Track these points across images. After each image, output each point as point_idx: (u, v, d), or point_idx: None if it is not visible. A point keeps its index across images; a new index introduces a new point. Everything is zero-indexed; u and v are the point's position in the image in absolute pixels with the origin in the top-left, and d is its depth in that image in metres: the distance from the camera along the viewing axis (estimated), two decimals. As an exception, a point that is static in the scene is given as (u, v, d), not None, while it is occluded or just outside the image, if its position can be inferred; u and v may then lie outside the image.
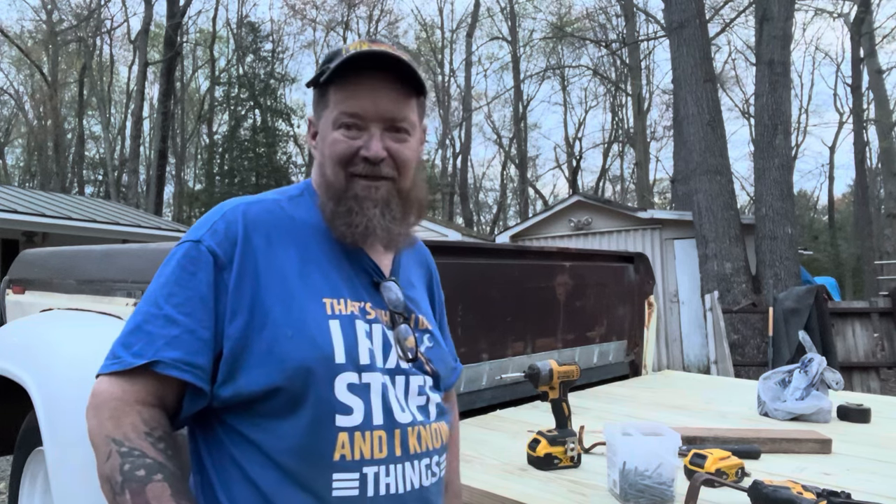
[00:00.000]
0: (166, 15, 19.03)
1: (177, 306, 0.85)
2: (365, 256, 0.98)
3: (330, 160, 0.95)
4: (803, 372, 2.10)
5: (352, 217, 0.93)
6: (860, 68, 18.98)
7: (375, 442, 0.87)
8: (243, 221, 0.91)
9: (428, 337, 1.02)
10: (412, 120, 0.97)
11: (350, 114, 0.93)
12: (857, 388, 6.02)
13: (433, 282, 1.17)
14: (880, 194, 21.30)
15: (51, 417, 1.81)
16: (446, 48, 29.02)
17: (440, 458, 0.97)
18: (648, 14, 20.87)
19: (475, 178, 32.11)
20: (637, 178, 23.35)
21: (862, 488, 1.39)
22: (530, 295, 2.54)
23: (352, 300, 0.93)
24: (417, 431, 0.92)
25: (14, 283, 2.85)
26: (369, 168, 0.93)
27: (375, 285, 0.98)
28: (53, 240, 10.14)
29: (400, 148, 0.95)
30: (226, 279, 0.87)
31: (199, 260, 0.88)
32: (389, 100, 0.94)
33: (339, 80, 0.94)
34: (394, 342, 0.95)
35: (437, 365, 1.01)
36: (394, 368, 0.93)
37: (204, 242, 0.89)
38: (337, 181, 0.94)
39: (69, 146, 26.98)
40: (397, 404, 0.91)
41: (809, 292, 5.73)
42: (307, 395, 0.84)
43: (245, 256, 0.89)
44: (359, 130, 0.94)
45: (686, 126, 8.45)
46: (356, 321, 0.91)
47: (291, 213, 0.97)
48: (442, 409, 1.01)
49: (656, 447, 1.35)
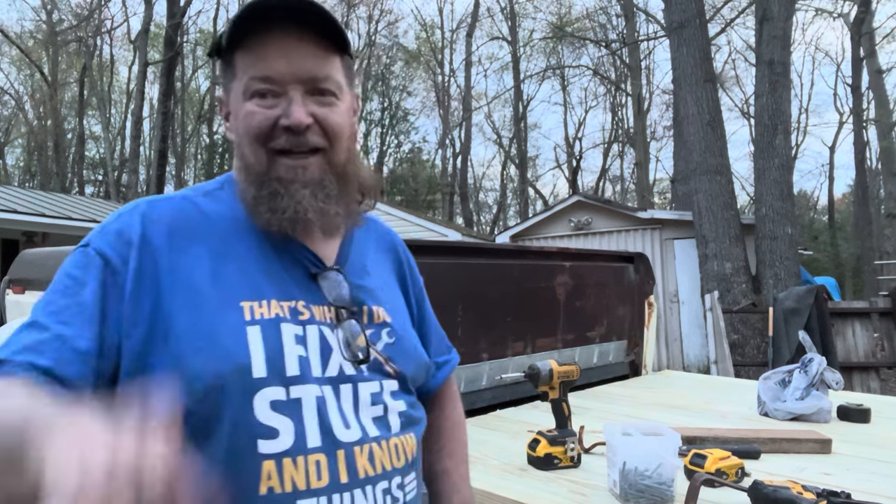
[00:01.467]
0: (166, 15, 19.01)
1: (52, 314, 0.71)
2: (299, 246, 0.83)
3: (246, 137, 0.80)
4: (803, 372, 2.10)
5: (276, 201, 0.79)
6: (860, 68, 18.98)
7: (312, 468, 0.72)
8: (141, 220, 0.78)
9: (387, 332, 0.86)
10: (337, 80, 0.82)
11: (261, 77, 0.78)
12: (857, 388, 6.02)
13: (404, 266, 1.01)
14: (880, 194, 21.29)
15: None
16: (446, 48, 29.02)
17: (404, 479, 0.81)
18: (648, 14, 20.86)
19: (475, 178, 32.11)
20: (637, 178, 23.34)
21: (862, 488, 1.39)
22: (530, 295, 2.54)
23: (279, 300, 0.78)
24: (369, 450, 0.77)
25: (14, 283, 2.85)
26: (293, 140, 0.78)
27: (314, 278, 0.83)
28: (53, 240, 10.14)
29: (327, 112, 0.80)
30: (120, 283, 0.73)
31: (87, 265, 0.74)
32: (306, 55, 0.79)
33: (244, 42, 0.79)
34: (336, 344, 0.80)
35: (402, 363, 0.86)
36: (336, 376, 0.78)
37: (92, 245, 0.76)
38: (257, 161, 0.80)
39: (69, 146, 26.98)
40: (340, 420, 0.76)
41: (809, 292, 5.73)
42: (221, 418, 0.70)
43: (143, 259, 0.75)
44: (275, 98, 0.78)
45: (686, 126, 8.45)
46: (282, 325, 0.76)
47: (205, 208, 0.82)
48: (411, 419, 0.86)
49: (656, 447, 1.35)
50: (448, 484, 0.98)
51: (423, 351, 0.94)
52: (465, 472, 1.02)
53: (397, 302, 0.94)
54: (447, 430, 1.03)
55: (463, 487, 0.99)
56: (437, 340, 1.05)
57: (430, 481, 0.99)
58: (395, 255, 1.01)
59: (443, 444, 1.01)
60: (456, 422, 1.06)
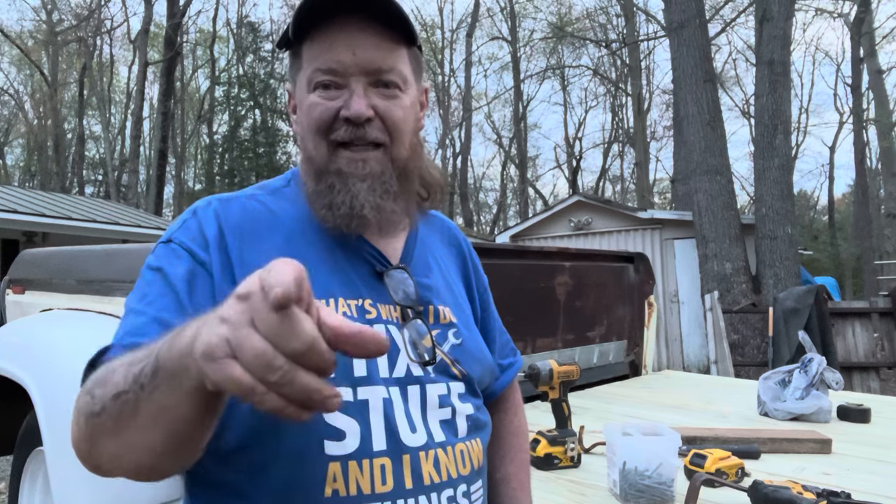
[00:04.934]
0: (166, 15, 19.01)
1: (147, 304, 0.71)
2: (364, 243, 0.82)
3: (308, 130, 0.79)
4: (803, 372, 2.10)
5: (333, 196, 0.77)
6: (860, 68, 18.98)
7: (377, 472, 0.71)
8: (216, 219, 0.77)
9: (454, 332, 0.84)
10: (402, 72, 0.80)
11: (325, 70, 0.76)
12: (857, 388, 6.02)
13: (468, 263, 0.99)
14: (880, 194, 21.28)
15: (50, 417, 1.81)
16: (446, 48, 29.01)
17: (470, 487, 0.78)
18: (648, 14, 20.87)
19: (475, 178, 32.13)
20: (637, 178, 23.35)
21: (862, 488, 1.39)
22: (530, 295, 2.54)
23: (346, 299, 0.77)
24: (434, 455, 0.75)
25: (14, 283, 2.85)
26: (353, 131, 0.77)
27: (379, 276, 0.81)
28: (53, 240, 10.14)
29: (389, 105, 0.78)
30: (205, 274, 0.73)
31: (173, 256, 0.74)
32: (371, 46, 0.76)
33: (310, 33, 0.77)
34: (403, 344, 0.78)
35: (469, 365, 0.84)
36: (404, 377, 0.76)
37: (175, 240, 0.76)
38: (318, 153, 0.78)
39: (69, 146, 26.96)
40: (406, 423, 0.74)
41: (809, 292, 5.73)
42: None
43: (220, 256, 0.75)
44: (338, 89, 0.77)
45: (686, 126, 8.45)
46: None
47: (272, 206, 0.82)
48: (477, 423, 0.83)
49: (656, 447, 1.35)
50: (507, 492, 0.95)
51: (488, 352, 0.91)
52: (524, 481, 0.98)
53: (461, 301, 0.91)
54: (507, 436, 1.00)
55: (522, 497, 0.96)
56: (501, 342, 1.02)
57: (489, 488, 0.95)
58: (460, 251, 0.99)
59: (504, 450, 0.99)
60: (518, 427, 1.02)
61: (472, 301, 0.96)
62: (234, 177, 25.52)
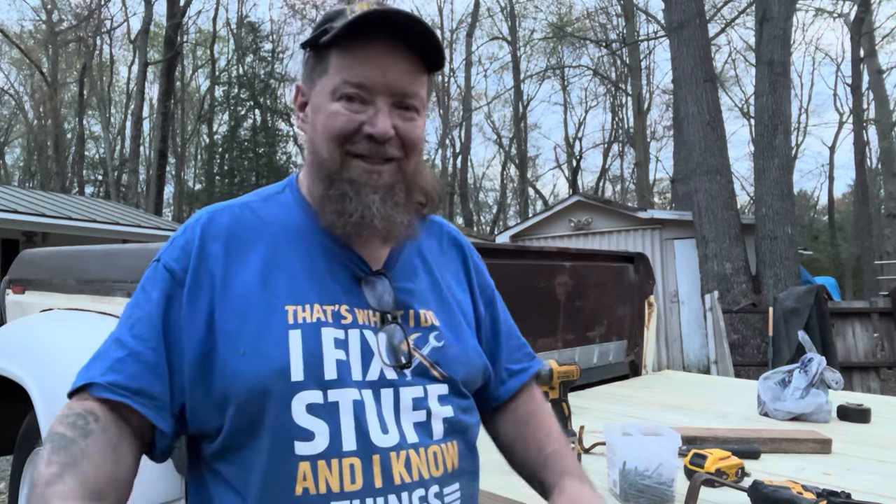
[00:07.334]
0: (166, 15, 19.00)
1: (128, 328, 0.77)
2: (347, 250, 0.85)
3: (324, 135, 0.81)
4: (803, 372, 2.10)
5: (345, 203, 0.80)
6: (860, 68, 18.97)
7: (346, 471, 0.73)
8: (201, 231, 0.82)
9: (435, 335, 0.85)
10: (422, 97, 0.84)
11: (355, 84, 0.79)
12: (857, 388, 6.02)
13: (470, 266, 1.00)
14: (880, 194, 21.28)
15: (51, 417, 1.81)
16: (446, 48, 28.91)
17: (443, 489, 0.80)
18: (648, 14, 20.88)
19: (475, 178, 32.12)
20: (637, 178, 23.33)
21: (862, 488, 1.39)
22: (530, 295, 2.54)
23: (322, 304, 0.80)
24: (406, 456, 0.77)
25: (14, 283, 2.85)
26: (373, 148, 0.80)
27: (359, 282, 0.84)
28: (53, 240, 10.13)
29: (409, 127, 0.82)
30: (180, 295, 0.78)
31: (155, 278, 0.80)
32: (402, 71, 0.80)
33: (345, 43, 0.80)
34: (377, 348, 0.80)
35: (451, 367, 0.85)
36: (377, 380, 0.79)
37: (162, 260, 0.82)
38: (331, 159, 0.81)
39: (69, 146, 26.96)
40: (378, 424, 0.77)
41: (809, 292, 5.73)
42: (264, 419, 0.74)
43: (200, 268, 0.79)
44: (363, 104, 0.80)
45: (686, 126, 8.45)
46: (323, 329, 0.78)
47: (262, 214, 0.86)
48: (457, 426, 0.84)
49: (656, 447, 1.35)
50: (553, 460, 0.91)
51: (478, 354, 0.92)
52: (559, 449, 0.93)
53: (452, 304, 0.92)
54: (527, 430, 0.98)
55: (566, 456, 0.92)
56: (509, 346, 1.01)
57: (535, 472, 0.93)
58: (461, 255, 1.01)
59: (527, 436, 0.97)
60: (547, 414, 1.00)
61: (474, 303, 0.98)
62: (234, 177, 25.52)
